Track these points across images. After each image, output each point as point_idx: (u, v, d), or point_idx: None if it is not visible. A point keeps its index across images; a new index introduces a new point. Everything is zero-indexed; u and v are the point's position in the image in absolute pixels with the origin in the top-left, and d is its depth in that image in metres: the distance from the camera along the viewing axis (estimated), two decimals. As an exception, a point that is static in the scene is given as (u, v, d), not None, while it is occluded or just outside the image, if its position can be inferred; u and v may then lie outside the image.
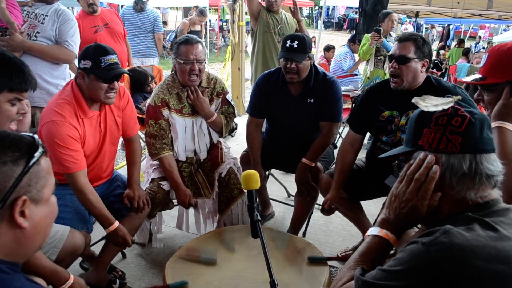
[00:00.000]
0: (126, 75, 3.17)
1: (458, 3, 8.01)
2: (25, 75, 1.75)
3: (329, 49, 8.01)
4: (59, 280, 1.80)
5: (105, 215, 2.33)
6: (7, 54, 1.78)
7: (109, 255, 2.60)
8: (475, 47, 17.31)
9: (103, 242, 2.67)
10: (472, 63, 9.33)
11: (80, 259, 2.79)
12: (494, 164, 1.16)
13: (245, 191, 1.80)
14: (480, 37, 22.42)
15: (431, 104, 1.22)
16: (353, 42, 6.85)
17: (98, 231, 2.80)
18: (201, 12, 7.03)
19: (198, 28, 7.06)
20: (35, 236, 1.05)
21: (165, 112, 2.83)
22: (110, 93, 2.31)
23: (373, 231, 1.29)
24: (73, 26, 3.17)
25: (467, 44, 14.40)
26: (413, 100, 1.27)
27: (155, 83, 4.40)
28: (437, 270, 1.01)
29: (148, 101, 2.93)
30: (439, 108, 1.19)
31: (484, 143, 1.15)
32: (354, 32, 7.72)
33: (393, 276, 1.06)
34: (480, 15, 10.59)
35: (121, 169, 4.39)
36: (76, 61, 4.27)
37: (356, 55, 6.79)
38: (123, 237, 2.37)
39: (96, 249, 2.74)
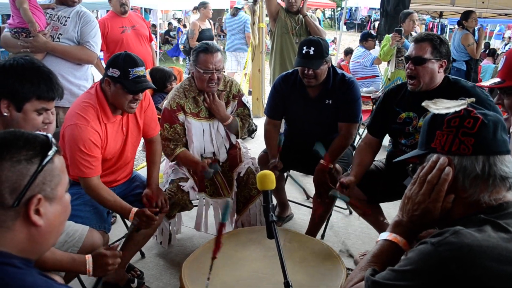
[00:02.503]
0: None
1: (483, 2, 7.84)
2: (52, 84, 1.80)
3: (347, 53, 7.91)
4: (81, 266, 1.80)
5: (121, 205, 2.35)
6: (37, 62, 1.83)
7: (128, 254, 2.63)
8: (504, 47, 16.90)
9: (121, 242, 2.69)
10: (497, 64, 9.15)
11: (99, 258, 2.82)
12: (509, 165, 1.14)
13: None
14: (510, 37, 21.92)
15: (442, 106, 1.22)
16: (365, 40, 6.76)
17: (117, 231, 2.85)
18: (200, 4, 6.99)
19: (208, 25, 7.04)
20: (49, 233, 1.07)
21: (181, 116, 2.85)
22: (133, 104, 2.35)
23: (383, 235, 1.28)
24: (94, 27, 3.23)
25: (493, 45, 14.11)
26: (423, 104, 1.27)
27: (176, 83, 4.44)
28: (446, 270, 0.99)
29: (164, 104, 2.95)
30: (451, 110, 1.19)
31: (498, 145, 1.14)
32: (364, 31, 7.67)
33: (402, 276, 1.06)
34: (506, 14, 10.36)
35: (141, 170, 4.44)
36: (102, 62, 4.39)
37: (372, 51, 6.70)
38: (146, 215, 2.35)
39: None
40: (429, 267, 1.02)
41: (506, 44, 18.47)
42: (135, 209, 2.36)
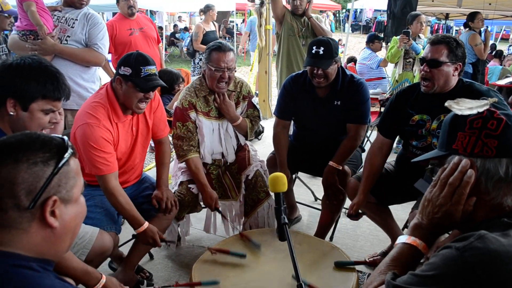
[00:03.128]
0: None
1: (490, 4, 7.82)
2: (59, 83, 1.79)
3: (350, 61, 7.83)
4: (92, 280, 1.81)
5: (135, 216, 2.35)
6: (44, 62, 1.83)
7: (137, 256, 2.63)
8: (508, 49, 16.80)
9: (131, 243, 2.69)
10: (504, 65, 9.10)
11: (108, 259, 2.83)
12: None
13: (272, 194, 1.79)
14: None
15: (465, 107, 1.19)
16: (372, 42, 6.74)
17: (126, 232, 2.85)
18: (206, 7, 6.97)
19: (213, 27, 7.03)
20: (64, 235, 1.07)
21: (193, 114, 2.86)
22: (142, 103, 2.35)
23: (401, 239, 1.26)
24: (102, 29, 3.22)
25: (499, 47, 14.06)
26: (446, 104, 1.24)
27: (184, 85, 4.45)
28: (471, 275, 0.98)
29: (176, 103, 2.96)
30: (474, 111, 1.16)
31: None
32: (371, 32, 7.63)
33: (425, 281, 1.04)
34: (512, 16, 10.35)
35: (149, 171, 4.44)
36: (110, 64, 4.39)
37: (378, 53, 6.67)
38: (153, 237, 2.39)
39: (124, 249, 2.78)
40: (454, 272, 1.00)
41: (510, 45, 18.33)
42: (146, 225, 2.37)
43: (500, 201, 1.12)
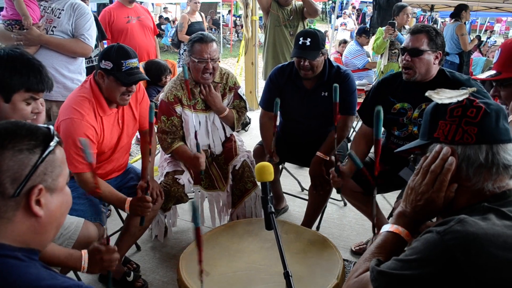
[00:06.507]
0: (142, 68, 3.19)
1: (474, -5, 7.92)
2: (42, 76, 1.78)
3: (341, 43, 7.92)
4: (77, 261, 1.78)
5: (116, 196, 2.35)
6: (26, 54, 1.81)
7: (124, 247, 2.62)
8: (487, 41, 17.00)
9: (117, 235, 2.69)
10: (488, 56, 9.20)
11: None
12: (511, 154, 1.14)
13: (259, 183, 1.80)
14: (491, 32, 21.99)
15: (445, 96, 1.22)
16: (360, 35, 6.77)
17: (112, 224, 2.85)
18: None
19: (199, 18, 6.95)
20: (49, 225, 1.06)
21: (178, 108, 2.84)
22: (126, 96, 2.34)
23: (386, 227, 1.29)
24: (89, 19, 3.18)
25: (483, 39, 14.20)
26: (426, 94, 1.27)
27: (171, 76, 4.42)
28: (451, 258, 0.99)
29: (161, 96, 2.94)
30: (454, 100, 1.19)
31: (500, 133, 1.14)
32: (361, 25, 7.64)
33: (408, 265, 1.05)
34: (496, 8, 10.43)
35: (135, 163, 4.42)
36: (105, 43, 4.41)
37: (365, 47, 6.70)
38: (141, 200, 2.34)
39: (111, 242, 2.76)
40: (435, 255, 1.02)
41: (488, 38, 18.51)
42: (130, 199, 2.36)
43: (481, 187, 1.14)
